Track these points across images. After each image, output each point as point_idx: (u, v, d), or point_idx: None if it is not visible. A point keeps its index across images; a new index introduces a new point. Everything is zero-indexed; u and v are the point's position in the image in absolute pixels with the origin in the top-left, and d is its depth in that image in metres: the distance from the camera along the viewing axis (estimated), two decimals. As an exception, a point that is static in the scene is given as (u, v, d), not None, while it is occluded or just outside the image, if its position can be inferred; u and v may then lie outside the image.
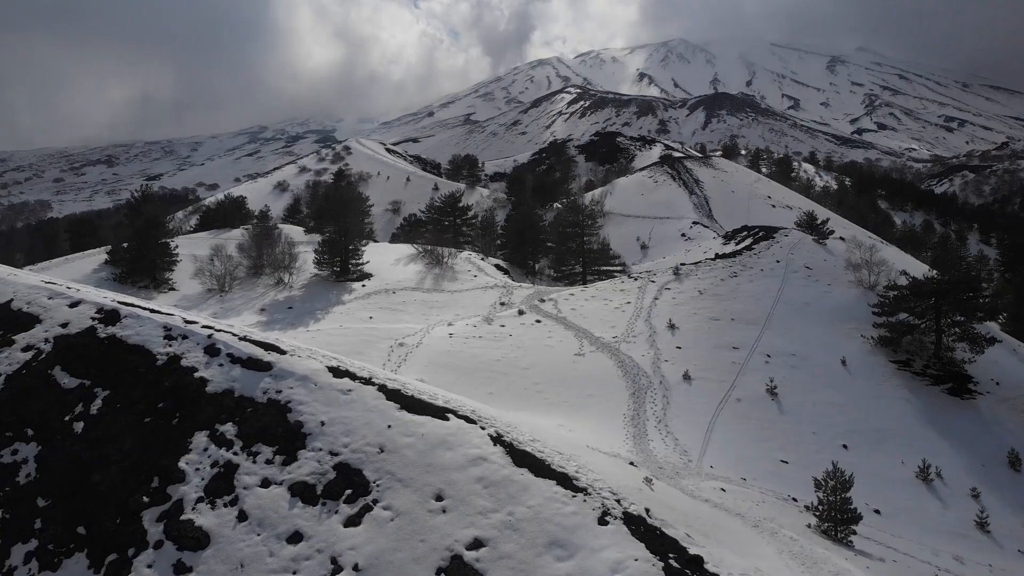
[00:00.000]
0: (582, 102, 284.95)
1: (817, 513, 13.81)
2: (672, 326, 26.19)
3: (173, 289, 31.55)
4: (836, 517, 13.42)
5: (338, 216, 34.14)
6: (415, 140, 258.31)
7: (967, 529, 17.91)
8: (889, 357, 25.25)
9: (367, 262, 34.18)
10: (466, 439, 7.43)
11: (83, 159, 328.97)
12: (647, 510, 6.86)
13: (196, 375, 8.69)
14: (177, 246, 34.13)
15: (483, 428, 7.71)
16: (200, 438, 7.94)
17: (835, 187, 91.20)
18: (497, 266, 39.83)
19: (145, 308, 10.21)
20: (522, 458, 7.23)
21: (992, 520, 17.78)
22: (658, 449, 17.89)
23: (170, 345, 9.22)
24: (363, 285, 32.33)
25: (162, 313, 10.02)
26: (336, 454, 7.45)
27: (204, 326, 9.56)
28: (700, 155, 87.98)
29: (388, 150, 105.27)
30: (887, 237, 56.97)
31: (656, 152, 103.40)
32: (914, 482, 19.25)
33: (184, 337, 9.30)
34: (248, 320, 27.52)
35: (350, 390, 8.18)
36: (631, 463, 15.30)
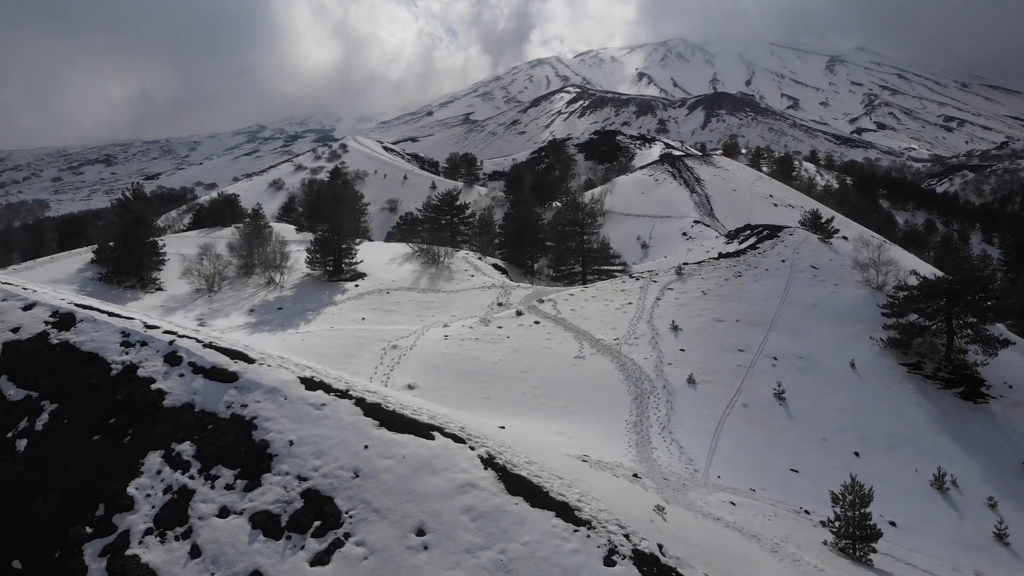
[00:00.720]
0: (581, 101, 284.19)
1: (834, 529, 12.94)
2: (675, 327, 25.32)
3: (160, 289, 30.58)
4: (855, 534, 12.55)
5: (331, 214, 33.20)
6: (414, 139, 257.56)
7: (986, 541, 17.13)
8: (899, 360, 24.46)
9: (361, 261, 33.27)
10: (453, 462, 6.51)
11: (81, 158, 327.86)
12: (660, 546, 5.95)
13: (153, 387, 7.78)
14: (164, 244, 33.15)
15: (472, 448, 6.79)
16: (153, 459, 7.03)
17: (836, 186, 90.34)
18: (495, 265, 38.93)
19: (103, 311, 9.29)
20: (516, 484, 6.31)
21: (1011, 531, 17.00)
22: (663, 458, 17.03)
23: (127, 352, 8.30)
24: (356, 285, 31.41)
25: (122, 317, 9.10)
26: (305, 479, 6.53)
27: (166, 331, 8.63)
28: (700, 153, 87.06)
29: (385, 148, 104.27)
30: (890, 236, 56.16)
31: (656, 151, 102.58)
32: (929, 491, 18.46)
33: (143, 344, 8.38)
34: (236, 321, 26.60)
35: (323, 404, 7.26)
36: (635, 475, 14.44)
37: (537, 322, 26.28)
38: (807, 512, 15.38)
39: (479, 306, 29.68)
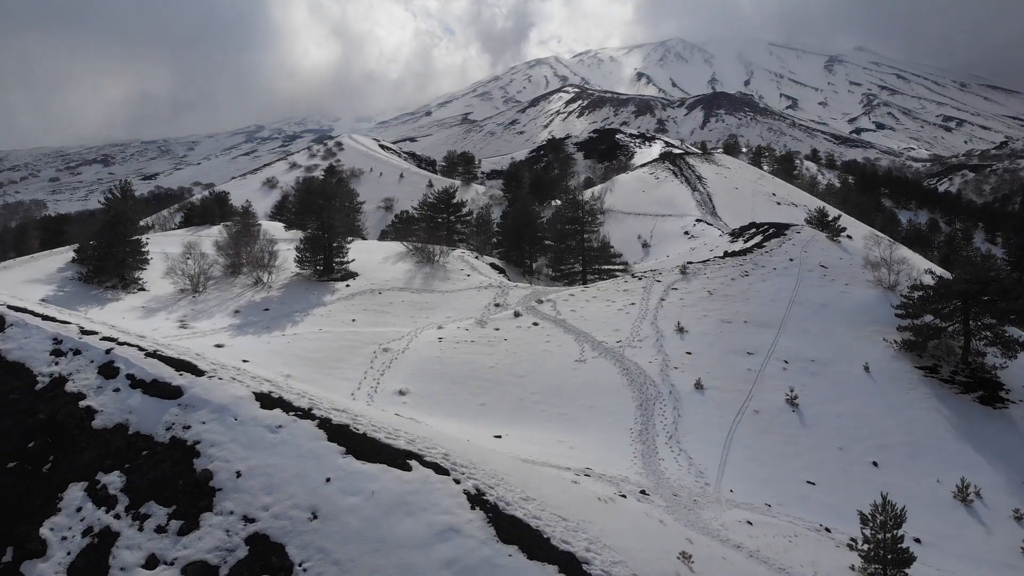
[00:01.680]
0: (580, 101, 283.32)
1: (862, 553, 11.79)
2: (681, 329, 24.17)
3: (143, 289, 29.31)
4: (886, 558, 11.40)
5: (321, 211, 31.96)
6: (412, 139, 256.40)
7: (1015, 558, 16.02)
8: (914, 363, 23.36)
9: (352, 260, 32.05)
10: (433, 500, 5.33)
11: (79, 158, 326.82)
12: (690, 610, 4.80)
13: (82, 404, 6.58)
14: (148, 243, 31.88)
15: (458, 482, 5.60)
16: (74, 492, 5.84)
17: (838, 185, 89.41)
18: (492, 265, 37.73)
19: (38, 314, 8.09)
20: (511, 529, 5.13)
21: (1040, 547, 15.85)
22: (670, 470, 15.88)
23: (57, 362, 7.11)
24: (347, 285, 30.20)
25: (57, 320, 7.89)
26: (251, 520, 5.35)
27: (104, 338, 7.43)
28: (701, 151, 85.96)
29: (382, 146, 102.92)
30: (893, 236, 55.16)
31: (656, 149, 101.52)
32: (952, 503, 17.36)
33: (76, 352, 7.19)
34: (220, 323, 25.37)
35: (280, 426, 6.07)
36: (642, 491, 13.29)
37: (536, 323, 25.13)
38: (827, 530, 14.25)
39: (475, 307, 28.50)
